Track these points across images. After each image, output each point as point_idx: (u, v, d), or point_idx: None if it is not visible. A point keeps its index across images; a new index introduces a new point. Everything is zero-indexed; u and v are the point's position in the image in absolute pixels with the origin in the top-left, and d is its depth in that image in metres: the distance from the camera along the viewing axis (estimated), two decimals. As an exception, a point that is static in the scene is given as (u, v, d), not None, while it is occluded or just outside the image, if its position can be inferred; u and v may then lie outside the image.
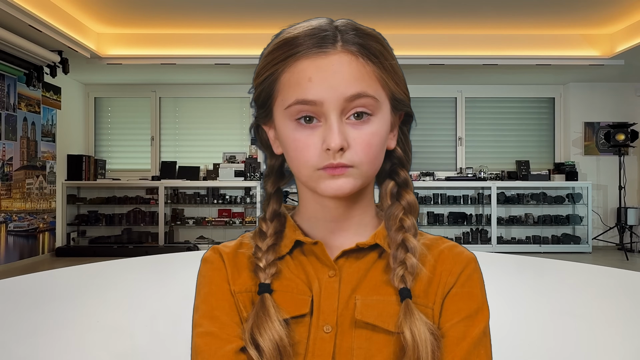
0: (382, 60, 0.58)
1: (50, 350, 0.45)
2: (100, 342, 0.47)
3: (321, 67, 0.56)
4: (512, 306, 0.63)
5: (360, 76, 0.56)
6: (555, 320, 0.56)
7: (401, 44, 5.43)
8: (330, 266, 0.61)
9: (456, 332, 0.58)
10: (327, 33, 0.57)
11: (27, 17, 4.15)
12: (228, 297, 0.62)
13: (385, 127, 0.59)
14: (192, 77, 6.30)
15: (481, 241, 6.25)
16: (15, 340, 0.49)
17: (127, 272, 0.85)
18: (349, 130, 0.56)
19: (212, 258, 0.65)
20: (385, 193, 0.64)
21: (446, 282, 0.60)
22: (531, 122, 6.80)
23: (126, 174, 6.62)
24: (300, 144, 0.57)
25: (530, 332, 0.51)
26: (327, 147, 0.55)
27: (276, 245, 0.63)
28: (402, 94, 0.62)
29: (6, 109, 4.94)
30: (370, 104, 0.57)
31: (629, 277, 0.79)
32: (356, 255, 0.62)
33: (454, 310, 0.59)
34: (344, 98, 0.55)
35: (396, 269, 0.59)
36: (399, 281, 0.58)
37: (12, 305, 0.61)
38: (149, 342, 0.46)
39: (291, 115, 0.57)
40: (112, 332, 0.51)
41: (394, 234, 0.61)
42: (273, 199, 0.65)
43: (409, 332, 0.55)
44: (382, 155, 0.60)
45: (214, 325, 0.59)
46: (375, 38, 0.59)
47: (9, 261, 4.99)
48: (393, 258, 0.60)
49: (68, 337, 0.49)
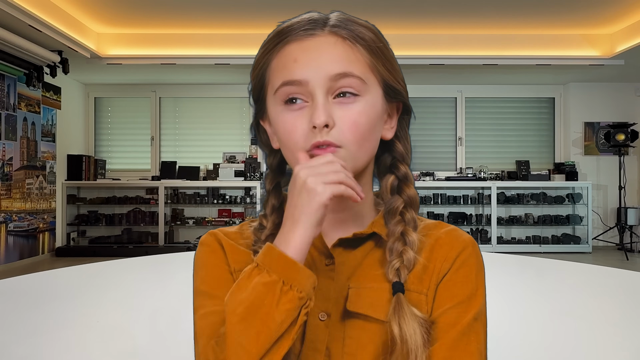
0: (371, 45, 0.58)
1: (50, 350, 0.45)
2: (100, 342, 0.47)
3: (307, 48, 0.57)
4: (512, 306, 0.63)
5: (347, 56, 0.57)
6: (555, 320, 0.56)
7: (401, 44, 5.43)
8: (326, 255, 0.61)
9: (447, 319, 0.57)
10: (315, 20, 0.58)
11: (27, 17, 4.15)
12: (227, 276, 0.61)
13: (374, 110, 0.59)
14: (192, 77, 6.30)
15: (481, 241, 6.25)
16: (15, 340, 0.49)
17: (127, 272, 0.85)
18: (335, 108, 0.56)
19: (208, 241, 0.64)
20: (386, 187, 0.64)
21: (441, 269, 0.60)
22: (531, 122, 6.80)
23: (126, 174, 6.62)
24: (288, 126, 0.57)
25: (530, 332, 0.51)
26: (313, 124, 0.55)
27: (275, 236, 0.63)
28: (396, 82, 0.61)
29: (6, 109, 4.94)
30: (356, 84, 0.57)
31: (629, 277, 0.79)
32: (353, 244, 0.62)
33: (447, 296, 0.59)
34: (328, 77, 0.56)
35: (392, 261, 0.58)
36: (393, 274, 0.58)
37: (12, 305, 0.61)
38: (149, 342, 0.46)
39: (280, 99, 0.58)
40: (112, 332, 0.51)
41: (393, 227, 0.61)
42: (272, 195, 0.65)
43: (397, 328, 0.54)
44: (372, 139, 0.60)
45: (216, 304, 0.59)
46: (368, 27, 0.60)
47: (9, 261, 4.99)
48: (390, 250, 0.60)
49: (68, 337, 0.49)
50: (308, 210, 0.52)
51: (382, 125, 0.62)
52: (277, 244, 0.53)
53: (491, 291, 0.71)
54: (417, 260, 0.59)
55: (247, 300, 0.51)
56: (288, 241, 0.53)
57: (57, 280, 0.76)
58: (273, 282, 0.51)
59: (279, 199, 0.65)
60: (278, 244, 0.53)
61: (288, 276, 0.51)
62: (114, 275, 0.81)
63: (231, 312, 0.51)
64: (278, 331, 0.50)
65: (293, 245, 0.52)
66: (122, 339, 0.49)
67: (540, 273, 0.86)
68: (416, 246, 0.60)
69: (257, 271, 0.52)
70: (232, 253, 0.63)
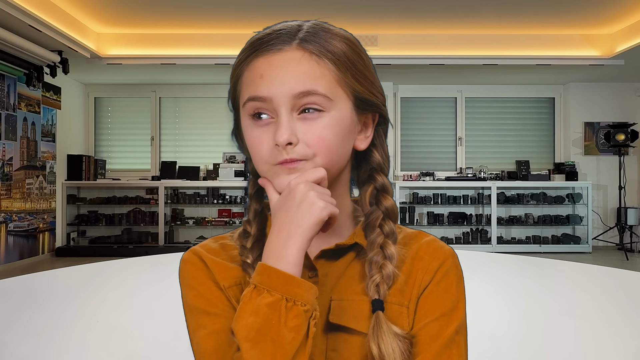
0: (341, 59, 0.57)
1: (50, 350, 0.45)
2: (100, 342, 0.47)
3: (273, 63, 0.56)
4: (512, 306, 0.63)
5: (312, 73, 0.56)
6: (555, 320, 0.56)
7: (401, 44, 5.44)
8: (309, 267, 0.60)
9: (429, 332, 0.57)
10: (286, 31, 0.58)
11: (27, 17, 4.15)
12: (219, 293, 0.61)
13: (341, 123, 0.58)
14: (192, 77, 6.30)
15: (481, 241, 6.25)
16: (15, 340, 0.49)
17: (127, 272, 0.85)
18: (299, 125, 0.56)
19: (192, 259, 0.63)
20: (364, 198, 0.64)
21: (422, 280, 0.60)
22: (531, 122, 6.80)
23: (126, 174, 6.62)
24: (255, 140, 0.57)
25: (530, 332, 0.51)
26: (276, 142, 0.55)
27: (260, 242, 0.62)
28: (369, 94, 0.60)
29: (6, 109, 4.94)
30: (320, 101, 0.56)
31: (629, 277, 0.79)
32: (335, 255, 0.62)
33: (429, 309, 0.59)
34: (292, 95, 0.55)
35: (373, 275, 0.58)
36: (373, 291, 0.58)
37: (12, 305, 0.61)
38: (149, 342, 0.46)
39: (248, 113, 0.58)
40: (112, 332, 0.51)
41: (372, 239, 0.60)
42: (253, 200, 0.65)
43: (375, 348, 0.54)
44: (341, 152, 0.59)
45: (216, 322, 0.58)
46: (341, 38, 0.59)
47: (9, 261, 4.99)
48: (369, 263, 0.59)
49: (68, 337, 0.49)
50: (307, 224, 0.52)
51: (353, 137, 0.61)
52: (270, 259, 0.53)
53: (491, 291, 0.71)
54: (397, 276, 0.59)
55: (256, 324, 0.50)
56: (284, 256, 0.52)
57: (57, 280, 0.76)
58: (276, 301, 0.51)
59: (260, 204, 0.65)
60: (271, 258, 0.53)
61: (289, 292, 0.51)
62: (114, 275, 0.81)
63: (243, 339, 0.51)
64: (292, 348, 0.50)
65: (290, 260, 0.52)
66: (122, 339, 0.49)
67: (541, 273, 0.86)
68: (396, 259, 0.59)
69: (257, 293, 0.52)
70: (218, 271, 0.62)
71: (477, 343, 0.48)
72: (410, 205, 6.40)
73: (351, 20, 4.92)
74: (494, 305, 0.62)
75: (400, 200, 6.35)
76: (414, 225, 6.44)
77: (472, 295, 0.69)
